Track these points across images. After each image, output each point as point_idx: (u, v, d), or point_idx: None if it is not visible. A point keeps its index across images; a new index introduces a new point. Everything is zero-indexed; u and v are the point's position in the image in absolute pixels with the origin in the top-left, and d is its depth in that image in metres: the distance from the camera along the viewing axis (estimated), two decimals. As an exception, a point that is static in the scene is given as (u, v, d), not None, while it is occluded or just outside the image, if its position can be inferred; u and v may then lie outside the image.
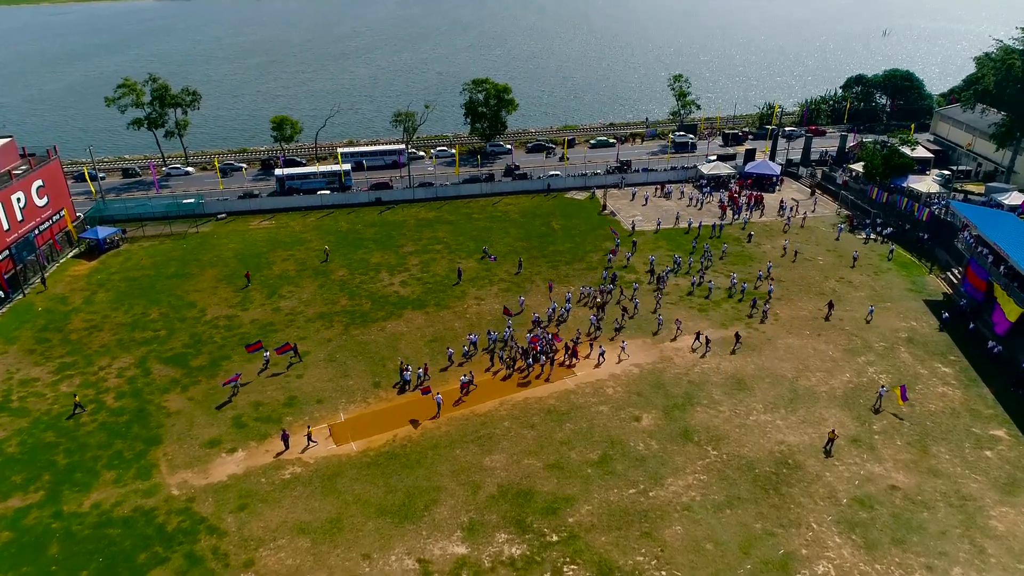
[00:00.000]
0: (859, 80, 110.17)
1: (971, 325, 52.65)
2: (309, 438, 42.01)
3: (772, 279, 61.05)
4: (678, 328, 53.24)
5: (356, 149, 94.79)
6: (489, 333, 52.09)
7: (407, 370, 47.51)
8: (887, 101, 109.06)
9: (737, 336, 51.68)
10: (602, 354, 49.69)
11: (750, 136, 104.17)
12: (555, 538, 35.43)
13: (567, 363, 49.31)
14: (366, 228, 74.45)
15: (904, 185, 74.03)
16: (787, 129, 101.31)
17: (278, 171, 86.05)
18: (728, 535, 35.54)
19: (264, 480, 39.54)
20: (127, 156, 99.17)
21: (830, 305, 55.79)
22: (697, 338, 51.71)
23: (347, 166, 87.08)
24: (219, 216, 76.64)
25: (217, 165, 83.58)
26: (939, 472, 39.69)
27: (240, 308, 58.13)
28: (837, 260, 66.20)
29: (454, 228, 74.43)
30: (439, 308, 57.86)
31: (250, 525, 36.43)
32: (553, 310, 55.98)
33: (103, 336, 54.18)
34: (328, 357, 51.13)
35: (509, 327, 52.63)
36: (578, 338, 51.64)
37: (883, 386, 45.49)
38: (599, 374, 48.76)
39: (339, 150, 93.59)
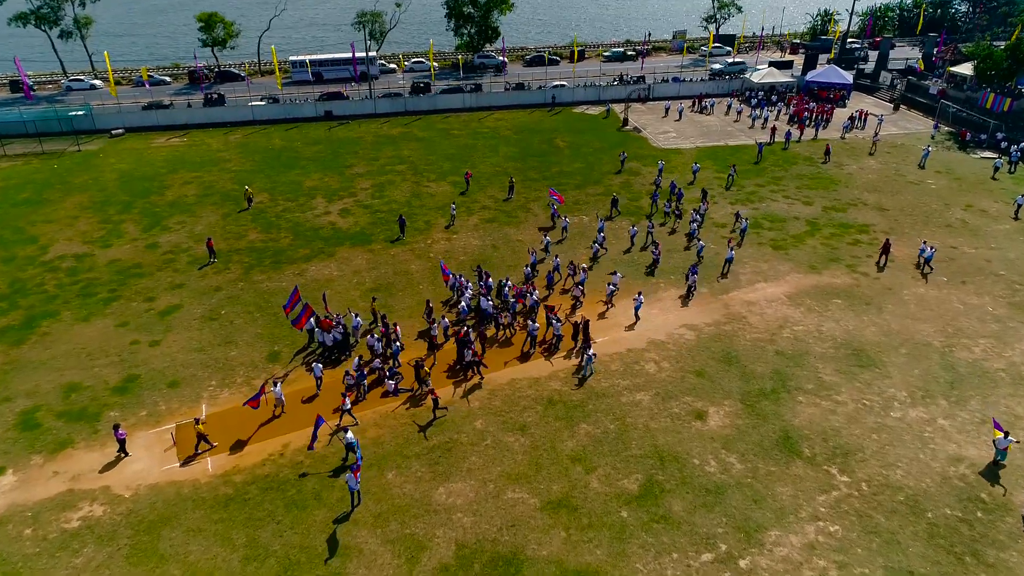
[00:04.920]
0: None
1: None
2: (203, 439, 24.54)
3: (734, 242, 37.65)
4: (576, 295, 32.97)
5: (313, 57, 75.21)
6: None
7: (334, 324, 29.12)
8: (969, 8, 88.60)
9: (585, 345, 28.91)
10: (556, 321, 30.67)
11: (801, 50, 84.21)
12: (563, 666, 17.58)
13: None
14: (307, 146, 55.61)
15: (1038, 87, 54.92)
16: (850, 42, 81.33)
17: None
18: (910, 660, 17.65)
19: (31, 531, 21.59)
20: (30, 73, 79.70)
21: (885, 247, 36.87)
22: (552, 346, 30.04)
23: None
24: (114, 132, 57.78)
25: (109, 64, 62.35)
26: None
27: (100, 244, 39.74)
28: (955, 183, 47.47)
29: (425, 145, 55.58)
30: (391, 245, 39.45)
31: (-34, 632, 18.64)
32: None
33: None
34: (208, 314, 32.90)
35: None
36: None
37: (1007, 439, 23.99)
38: (631, 340, 30.55)
39: (290, 58, 74.22)
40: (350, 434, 23.71)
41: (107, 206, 44.61)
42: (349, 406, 25.67)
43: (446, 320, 30.59)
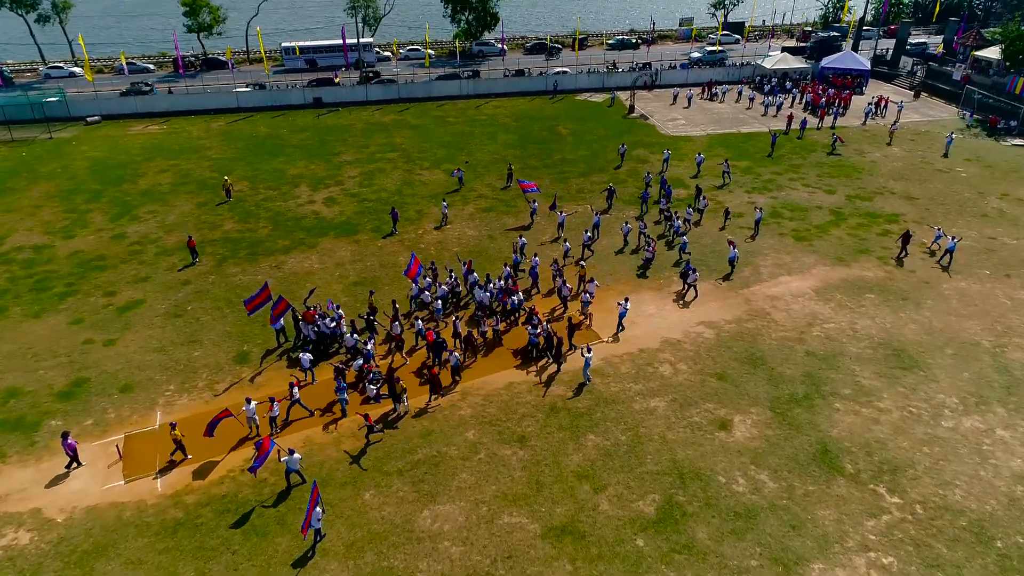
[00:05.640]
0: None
1: None
2: (180, 447, 21.57)
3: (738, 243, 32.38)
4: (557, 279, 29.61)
5: (306, 44, 72.18)
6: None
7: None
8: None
9: (558, 354, 25.48)
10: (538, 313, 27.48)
11: (813, 37, 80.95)
12: None
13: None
14: (293, 133, 52.38)
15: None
16: (866, 30, 78.07)
17: None
18: None
19: (-59, 564, 18.40)
20: (9, 62, 76.59)
21: (905, 237, 33.35)
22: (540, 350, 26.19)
23: None
24: (89, 119, 54.57)
25: (84, 46, 59.01)
26: None
27: (62, 235, 36.51)
28: (987, 171, 44.26)
29: (418, 133, 52.36)
30: (379, 235, 36.22)
31: None
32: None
33: None
34: (173, 310, 29.67)
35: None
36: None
37: None
38: (642, 339, 27.32)
39: (283, 44, 71.08)
40: (296, 455, 20.17)
41: (74, 195, 41.38)
42: (277, 412, 22.19)
43: (420, 323, 26.85)
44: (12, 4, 66.83)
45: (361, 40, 70.29)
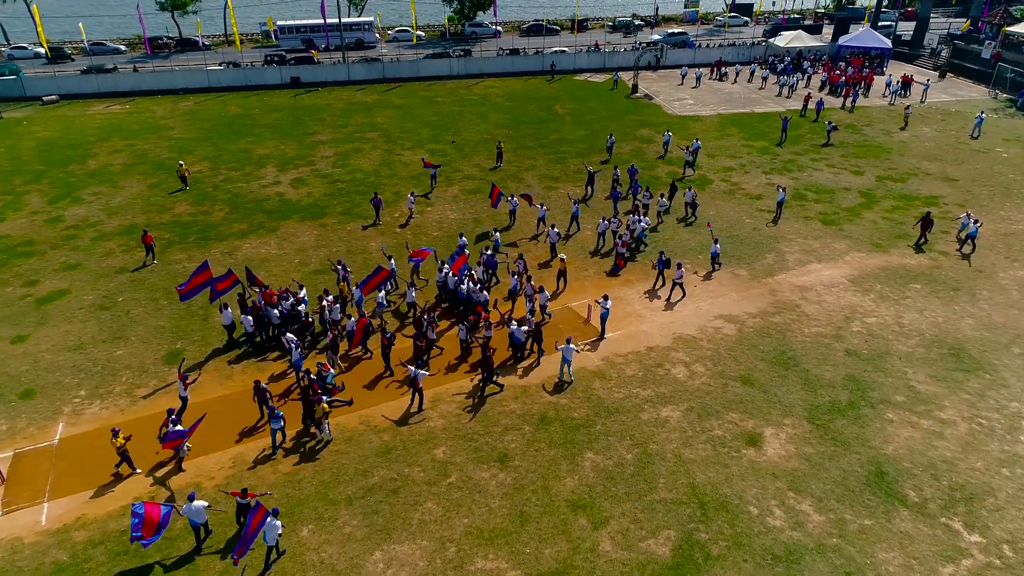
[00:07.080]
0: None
1: None
2: (125, 459, 17.64)
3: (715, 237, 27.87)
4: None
5: (303, 22, 67.89)
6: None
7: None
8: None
9: (488, 375, 20.16)
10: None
11: (826, 21, 76.74)
12: None
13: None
14: (266, 113, 48.03)
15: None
16: (882, 12, 73.68)
17: None
18: None
19: None
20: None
21: (924, 221, 28.87)
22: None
23: None
24: (45, 98, 50.27)
25: (38, 16, 54.58)
26: None
27: (-9, 218, 32.30)
28: (1029, 151, 40.06)
29: (402, 112, 48.04)
30: (349, 218, 31.93)
31: None
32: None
33: None
34: (100, 302, 25.38)
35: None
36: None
37: None
38: (652, 336, 23.04)
39: (278, 23, 66.77)
40: (198, 502, 15.13)
41: (14, 176, 37.08)
42: (186, 447, 17.45)
43: (352, 322, 21.74)
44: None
45: (357, 20, 66.15)
